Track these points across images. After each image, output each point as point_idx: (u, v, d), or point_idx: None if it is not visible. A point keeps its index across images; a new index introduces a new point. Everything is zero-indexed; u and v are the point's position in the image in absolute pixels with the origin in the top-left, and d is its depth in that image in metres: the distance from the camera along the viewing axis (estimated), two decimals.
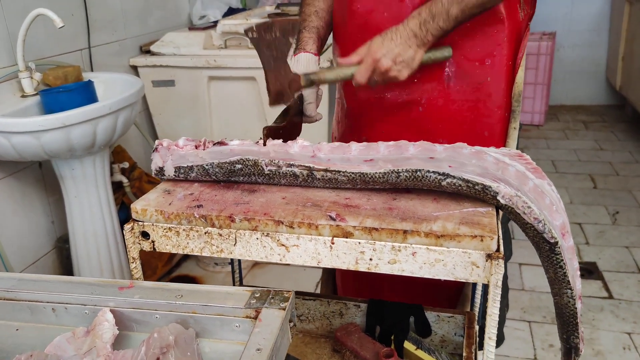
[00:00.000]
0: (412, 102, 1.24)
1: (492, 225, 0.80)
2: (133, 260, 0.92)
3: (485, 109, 1.23)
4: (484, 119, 1.24)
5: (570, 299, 0.88)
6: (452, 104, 1.22)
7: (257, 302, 0.80)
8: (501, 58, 1.19)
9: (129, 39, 2.45)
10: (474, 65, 1.19)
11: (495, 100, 1.22)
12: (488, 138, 1.24)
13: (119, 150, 2.24)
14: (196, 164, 0.95)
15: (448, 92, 1.22)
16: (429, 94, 1.22)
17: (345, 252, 0.83)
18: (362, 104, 1.30)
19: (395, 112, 1.26)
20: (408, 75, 1.09)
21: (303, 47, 1.24)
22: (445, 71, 1.20)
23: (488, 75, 1.20)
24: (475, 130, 1.24)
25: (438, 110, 1.23)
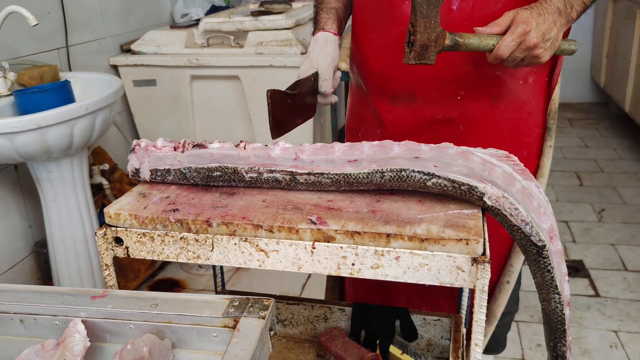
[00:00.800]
0: (453, 120, 1.18)
1: (478, 228, 0.77)
2: (106, 267, 0.88)
3: (525, 128, 1.19)
4: (524, 138, 1.20)
5: (558, 304, 0.86)
6: (495, 123, 1.18)
7: (235, 310, 0.77)
8: (540, 75, 1.16)
9: (108, 37, 2.40)
10: (519, 84, 1.15)
11: (535, 119, 1.19)
12: (526, 157, 1.20)
13: (99, 152, 2.19)
14: (174, 168, 0.91)
15: (492, 112, 1.17)
16: (472, 112, 1.17)
17: (327, 257, 0.80)
18: (398, 118, 1.23)
19: (434, 129, 1.20)
20: (549, 58, 0.99)
21: (322, 27, 1.18)
22: (491, 90, 1.15)
23: (530, 93, 1.17)
24: (515, 151, 1.19)
25: (479, 129, 1.18)
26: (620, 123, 4.11)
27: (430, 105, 1.19)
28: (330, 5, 1.22)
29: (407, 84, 1.18)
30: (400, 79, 1.19)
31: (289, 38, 2.30)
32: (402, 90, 1.19)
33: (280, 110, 1.02)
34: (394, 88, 1.21)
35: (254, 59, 2.30)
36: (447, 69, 1.14)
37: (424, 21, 0.94)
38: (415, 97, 1.19)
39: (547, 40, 0.97)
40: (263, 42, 2.32)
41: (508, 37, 0.96)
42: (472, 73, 1.13)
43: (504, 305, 1.32)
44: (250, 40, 2.34)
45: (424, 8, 0.94)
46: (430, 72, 1.13)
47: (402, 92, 1.20)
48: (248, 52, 2.34)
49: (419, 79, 1.16)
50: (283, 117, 1.04)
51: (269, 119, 1.00)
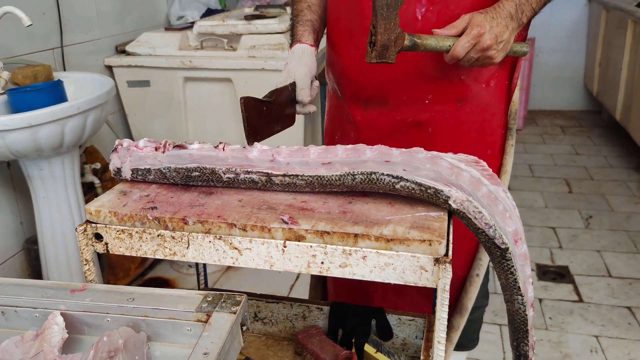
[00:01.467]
0: (422, 123, 1.24)
1: (442, 230, 0.81)
2: (86, 262, 0.91)
3: (489, 129, 1.26)
4: (488, 138, 1.26)
5: (521, 305, 0.89)
6: (461, 125, 1.24)
7: (208, 305, 0.80)
8: (501, 79, 1.23)
9: (104, 38, 2.43)
10: (482, 88, 1.21)
11: (497, 120, 1.25)
12: (490, 156, 1.27)
13: (92, 151, 2.22)
14: (154, 167, 0.94)
15: (459, 114, 1.23)
16: (440, 115, 1.23)
17: (297, 256, 0.83)
18: (372, 121, 1.28)
19: (404, 131, 1.26)
20: (501, 60, 1.06)
21: (299, 39, 1.22)
22: (457, 93, 1.21)
23: (492, 96, 1.23)
24: (480, 149, 1.26)
25: (447, 131, 1.24)
26: (612, 131, 4.15)
27: (400, 109, 1.24)
28: (305, 17, 1.27)
29: (380, 90, 1.23)
30: (374, 85, 1.24)
31: (281, 42, 2.34)
32: (375, 95, 1.24)
33: (255, 117, 1.05)
34: (367, 93, 1.26)
35: (247, 62, 2.33)
36: (416, 74, 1.19)
37: (384, 23, 1.00)
38: (387, 101, 1.24)
39: (499, 42, 1.03)
40: (256, 46, 2.36)
41: (464, 39, 1.03)
42: (439, 78, 1.19)
43: (474, 298, 1.37)
44: (243, 44, 2.37)
45: (384, 11, 0.99)
46: (401, 77, 1.19)
47: (374, 97, 1.25)
48: (241, 55, 2.37)
49: (391, 85, 1.22)
50: (258, 124, 1.07)
51: (244, 125, 1.04)
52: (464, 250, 1.35)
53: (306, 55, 1.19)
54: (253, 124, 1.05)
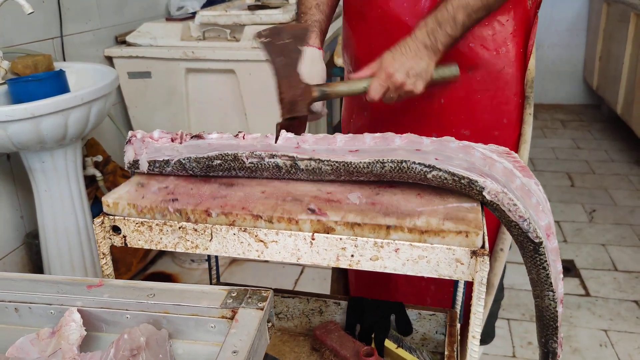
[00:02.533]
0: (434, 95, 1.23)
1: (478, 221, 0.78)
2: (103, 256, 0.87)
3: (503, 97, 1.24)
4: (503, 106, 1.25)
5: (552, 301, 0.86)
6: (474, 94, 1.23)
7: (233, 301, 0.76)
8: (514, 46, 1.21)
9: (103, 28, 2.38)
10: (492, 55, 1.20)
11: (512, 88, 1.24)
12: (507, 125, 1.26)
13: (93, 143, 2.17)
14: (172, 158, 0.90)
15: (470, 83, 1.22)
16: (451, 85, 1.21)
17: (326, 249, 0.80)
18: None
19: (416, 104, 1.25)
20: (423, 88, 1.07)
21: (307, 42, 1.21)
22: (466, 61, 1.20)
23: (504, 63, 1.22)
24: (495, 118, 1.25)
25: (460, 101, 1.24)
26: (612, 125, 4.14)
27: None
28: (314, 17, 1.25)
29: None
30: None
31: None
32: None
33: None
34: None
35: (250, 53, 2.29)
36: None
37: (285, 82, 1.04)
38: None
39: (413, 75, 1.04)
40: None
41: (374, 82, 1.05)
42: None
43: (500, 274, 1.35)
44: (246, 34, 2.33)
45: (283, 71, 1.04)
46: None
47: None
48: (244, 46, 2.33)
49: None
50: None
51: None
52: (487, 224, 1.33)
53: (316, 62, 1.17)
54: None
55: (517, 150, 1.30)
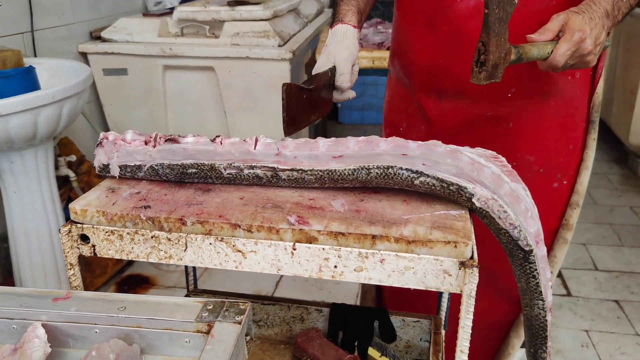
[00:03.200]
0: (502, 118, 1.16)
1: (467, 230, 0.74)
2: (71, 266, 0.82)
3: (572, 123, 1.18)
4: (570, 132, 1.19)
5: (542, 310, 0.83)
6: (544, 120, 1.16)
7: (209, 315, 0.72)
8: (586, 70, 1.14)
9: (77, 23, 2.30)
10: (567, 80, 1.13)
11: (581, 113, 1.18)
12: (572, 151, 1.20)
13: (66, 142, 2.10)
14: (145, 164, 0.85)
15: (542, 108, 1.15)
16: (522, 110, 1.15)
17: (308, 259, 0.76)
18: (447, 113, 1.20)
19: (482, 125, 1.18)
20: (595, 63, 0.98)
21: (341, 19, 1.14)
22: (542, 87, 1.13)
23: (577, 88, 1.15)
24: (562, 145, 1.19)
25: (529, 126, 1.16)
26: None
27: (480, 103, 1.16)
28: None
29: (457, 81, 1.15)
30: (450, 75, 1.15)
31: (267, 29, 2.25)
32: (451, 87, 1.16)
33: (295, 105, 0.96)
34: (442, 85, 1.18)
35: (230, 50, 2.23)
36: None
37: (496, 40, 0.90)
38: (465, 94, 1.16)
39: (597, 45, 0.95)
40: (239, 33, 2.26)
41: (564, 45, 0.93)
42: (523, 70, 1.11)
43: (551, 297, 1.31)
44: (226, 31, 2.28)
45: (496, 26, 0.89)
46: None
47: (450, 88, 1.17)
48: (224, 42, 2.27)
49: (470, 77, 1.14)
50: (297, 113, 0.97)
51: (283, 115, 0.93)
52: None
53: (348, 37, 1.10)
54: (292, 113, 0.94)
55: (577, 176, 1.23)
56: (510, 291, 1.32)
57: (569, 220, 1.28)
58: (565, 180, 1.23)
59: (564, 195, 1.26)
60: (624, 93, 3.27)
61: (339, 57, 1.07)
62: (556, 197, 1.25)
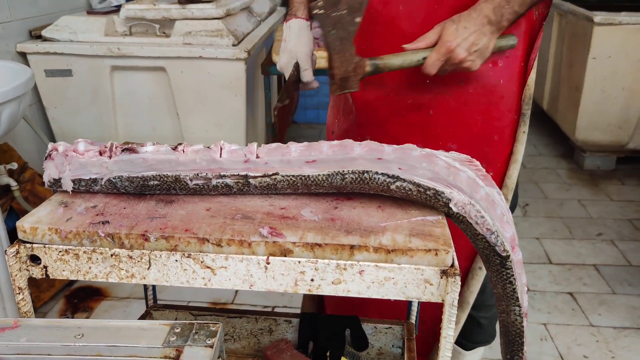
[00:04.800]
0: (423, 105, 1.17)
1: (446, 237, 0.72)
2: (20, 290, 0.75)
3: (496, 112, 1.17)
4: (495, 122, 1.18)
5: (518, 316, 0.83)
6: (465, 107, 1.16)
7: (177, 339, 0.67)
8: (514, 59, 1.15)
9: (15, 21, 2.15)
10: (488, 67, 1.13)
11: (507, 103, 1.17)
12: (497, 142, 1.20)
13: (6, 149, 1.96)
14: (101, 177, 0.78)
15: (462, 95, 1.15)
16: (441, 96, 1.16)
17: (283, 273, 0.71)
18: (370, 102, 1.21)
19: (404, 113, 1.18)
20: (480, 65, 1.02)
21: (294, 12, 1.16)
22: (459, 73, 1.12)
23: (501, 77, 1.15)
24: (485, 134, 1.18)
25: (449, 113, 1.17)
26: (539, 120, 4.30)
27: (400, 91, 1.17)
28: None
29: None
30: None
31: (220, 28, 2.18)
32: (373, 77, 1.15)
33: (283, 121, 1.03)
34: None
35: (182, 50, 2.15)
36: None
37: (338, 57, 1.00)
38: (385, 83, 1.18)
39: (474, 51, 1.00)
40: (192, 32, 2.18)
41: (433, 56, 1.01)
42: None
43: (476, 292, 1.31)
44: (177, 30, 2.19)
45: (337, 45, 0.99)
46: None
47: (372, 78, 1.16)
48: (175, 42, 2.19)
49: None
50: (284, 125, 1.05)
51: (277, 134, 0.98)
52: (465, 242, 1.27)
53: (304, 32, 1.13)
54: (282, 129, 0.99)
55: (505, 170, 1.24)
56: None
57: None
58: (491, 171, 1.21)
59: None
60: (570, 90, 3.39)
61: (300, 53, 1.12)
62: None
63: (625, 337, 2.00)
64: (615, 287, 2.27)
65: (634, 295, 2.22)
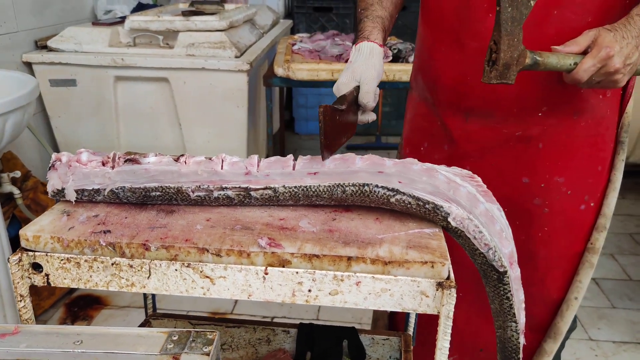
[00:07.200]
0: (532, 138, 1.12)
1: (442, 250, 0.73)
2: (21, 298, 0.76)
3: (602, 143, 1.15)
4: (600, 153, 1.16)
5: (514, 332, 0.83)
6: (575, 139, 1.12)
7: (175, 346, 0.67)
8: (616, 89, 1.11)
9: (21, 32, 2.18)
10: (599, 99, 1.10)
11: (611, 133, 1.15)
12: (600, 172, 1.17)
13: (10, 157, 1.98)
14: (104, 187, 0.80)
15: (573, 128, 1.11)
16: (553, 129, 1.11)
17: (281, 284, 0.72)
18: (472, 133, 1.16)
19: (511, 145, 1.13)
20: (625, 82, 0.95)
21: (367, 36, 1.09)
22: (573, 105, 1.10)
23: (608, 107, 1.13)
24: (591, 166, 1.15)
25: (559, 146, 1.13)
26: None
27: (509, 122, 1.12)
28: (376, 13, 1.13)
29: (484, 100, 1.11)
30: (477, 94, 1.11)
31: (223, 40, 2.20)
32: (478, 106, 1.12)
33: (331, 127, 0.92)
34: (469, 103, 1.14)
35: (185, 61, 2.18)
36: (529, 83, 1.07)
37: (507, 39, 0.89)
38: (492, 113, 1.12)
39: (627, 64, 0.92)
40: (195, 44, 2.20)
41: (589, 61, 0.91)
42: (554, 88, 1.08)
43: (570, 322, 1.26)
44: (180, 41, 2.22)
45: (508, 25, 0.88)
46: (512, 87, 1.04)
47: (477, 107, 1.13)
48: (178, 53, 2.21)
49: (499, 95, 1.10)
50: (333, 135, 0.94)
51: (321, 138, 0.88)
52: (562, 272, 1.23)
53: (375, 56, 1.06)
54: (329, 136, 0.90)
55: (604, 198, 1.19)
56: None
57: (595, 244, 1.21)
58: (592, 202, 1.20)
59: (590, 218, 1.21)
60: None
61: (366, 75, 1.03)
62: (583, 219, 1.21)
63: (625, 351, 2.00)
64: (615, 302, 2.27)
65: (634, 309, 2.22)
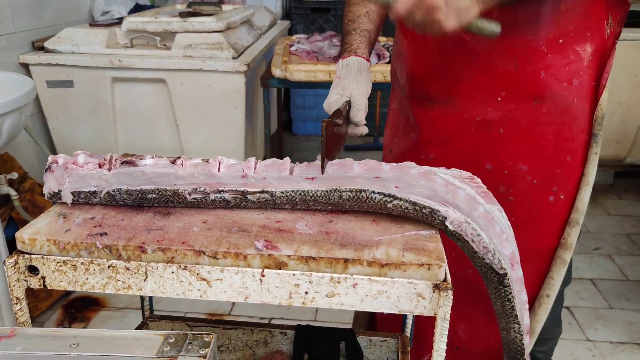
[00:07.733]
0: (493, 122, 1.13)
1: (439, 252, 0.73)
2: (17, 301, 0.75)
3: (569, 133, 1.14)
4: (567, 143, 1.15)
5: (518, 334, 0.83)
6: (537, 126, 1.13)
7: (171, 349, 0.67)
8: (587, 78, 1.12)
9: (18, 33, 2.18)
10: (563, 86, 1.10)
11: (580, 124, 1.14)
12: (569, 163, 1.17)
13: (7, 159, 1.98)
14: (100, 189, 0.80)
15: (535, 114, 1.12)
16: (513, 114, 1.12)
17: (277, 286, 0.72)
18: (435, 119, 1.17)
19: (472, 131, 1.15)
20: (452, 29, 0.87)
21: (354, 50, 1.10)
22: (533, 91, 1.11)
23: (575, 96, 1.12)
24: (557, 155, 1.15)
25: (521, 132, 1.13)
26: None
27: (468, 107, 1.13)
28: (363, 26, 1.14)
29: (447, 86, 1.13)
30: (440, 80, 1.13)
31: (220, 41, 2.20)
32: (440, 93, 1.13)
33: (330, 140, 0.93)
34: (433, 90, 1.15)
35: (182, 62, 2.18)
36: (487, 69, 1.09)
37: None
38: (453, 99, 1.14)
39: (450, 7, 0.86)
40: (192, 45, 2.20)
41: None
42: (513, 72, 1.09)
43: (544, 321, 1.25)
44: (178, 42, 2.22)
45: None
46: (470, 72, 1.08)
47: (439, 94, 1.14)
48: (176, 54, 2.21)
49: (458, 80, 1.11)
50: (331, 148, 0.95)
51: (322, 153, 0.88)
52: (533, 268, 1.22)
53: (363, 72, 1.07)
54: (330, 151, 0.91)
55: (577, 192, 1.20)
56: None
57: (567, 239, 1.21)
58: (562, 194, 1.19)
59: (562, 212, 1.21)
60: None
61: (356, 92, 1.04)
62: (553, 212, 1.21)
63: (622, 352, 2.00)
64: (612, 302, 2.28)
65: (631, 310, 2.22)
